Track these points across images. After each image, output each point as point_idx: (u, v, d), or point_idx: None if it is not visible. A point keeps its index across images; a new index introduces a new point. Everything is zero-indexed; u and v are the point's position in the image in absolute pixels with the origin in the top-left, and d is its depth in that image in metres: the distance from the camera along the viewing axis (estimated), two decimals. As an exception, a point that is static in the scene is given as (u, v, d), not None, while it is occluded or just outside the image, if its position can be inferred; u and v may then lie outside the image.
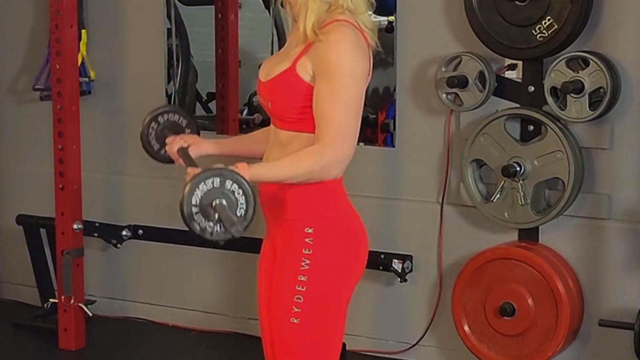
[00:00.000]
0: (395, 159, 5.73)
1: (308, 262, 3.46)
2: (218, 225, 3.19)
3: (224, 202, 3.17)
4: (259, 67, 3.62)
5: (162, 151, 3.84)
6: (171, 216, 6.04)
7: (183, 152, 3.65)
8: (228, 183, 3.19)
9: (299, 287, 3.47)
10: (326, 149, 3.35)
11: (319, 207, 3.46)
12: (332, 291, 3.49)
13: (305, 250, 3.46)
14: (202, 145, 3.77)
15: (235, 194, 3.19)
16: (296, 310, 3.48)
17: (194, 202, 3.17)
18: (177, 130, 3.84)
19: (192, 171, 3.27)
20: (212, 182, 3.18)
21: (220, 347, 5.96)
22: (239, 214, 3.18)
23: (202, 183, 3.17)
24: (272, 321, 3.59)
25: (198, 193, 3.17)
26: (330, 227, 3.48)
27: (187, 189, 3.17)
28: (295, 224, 3.47)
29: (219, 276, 6.08)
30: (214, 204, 3.17)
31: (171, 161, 3.76)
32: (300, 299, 3.47)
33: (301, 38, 3.42)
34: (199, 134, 3.86)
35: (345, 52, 3.37)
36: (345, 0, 3.42)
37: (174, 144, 3.73)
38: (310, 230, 3.47)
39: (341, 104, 3.37)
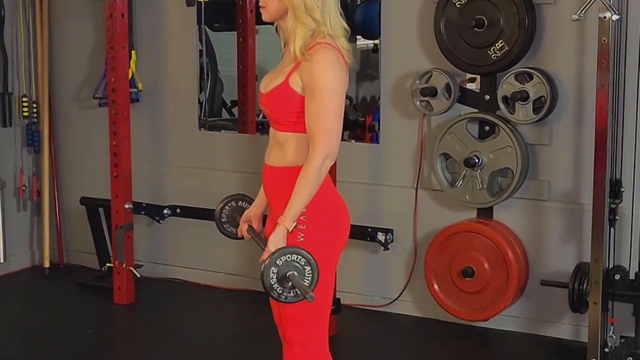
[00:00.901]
0: (380, 153, 5.73)
1: (303, 235, 3.45)
2: (291, 291, 3.28)
3: (295, 272, 3.26)
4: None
5: (235, 231, 3.85)
6: (202, 198, 6.12)
7: (250, 231, 3.70)
8: (289, 257, 3.27)
9: None
10: (317, 149, 3.36)
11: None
12: (322, 258, 3.45)
13: (300, 226, 3.44)
14: (254, 216, 3.75)
15: (297, 261, 3.27)
16: None
17: (272, 277, 3.27)
18: (240, 209, 3.85)
19: (264, 257, 3.36)
20: (279, 261, 3.26)
21: (241, 302, 5.97)
22: (307, 274, 3.28)
23: (272, 265, 3.25)
24: None
25: (272, 274, 3.27)
26: (320, 208, 3.47)
27: (264, 268, 3.27)
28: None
29: (239, 245, 6.06)
30: (288, 274, 3.26)
31: (241, 238, 3.80)
32: None
33: (292, 57, 3.42)
34: (252, 201, 3.83)
35: (327, 70, 3.37)
36: (326, 27, 3.42)
37: (242, 229, 3.76)
38: (303, 210, 3.45)
39: (326, 113, 3.37)
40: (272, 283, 3.28)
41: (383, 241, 5.59)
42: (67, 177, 6.66)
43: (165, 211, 6.18)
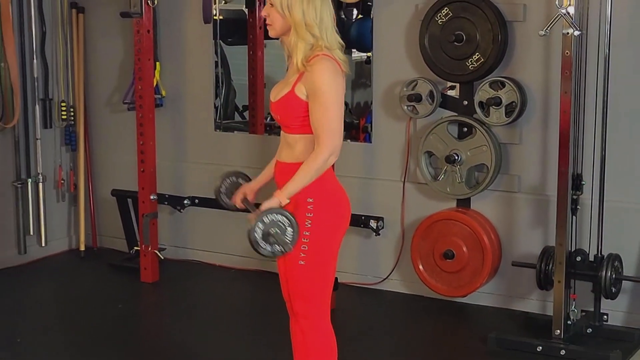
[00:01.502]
0: (372, 151, 5.73)
1: (310, 222, 3.47)
2: (274, 246, 3.32)
3: (277, 230, 3.29)
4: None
5: (230, 202, 3.84)
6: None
7: (244, 201, 3.72)
8: (275, 216, 3.30)
9: (304, 239, 3.47)
10: (323, 147, 3.39)
11: (317, 184, 3.46)
12: (326, 241, 3.50)
13: (307, 214, 3.46)
14: (252, 189, 3.77)
15: (281, 221, 3.31)
16: (302, 255, 3.49)
17: (257, 234, 3.30)
18: (237, 185, 3.85)
19: (251, 216, 3.39)
20: (265, 219, 3.29)
21: (252, 281, 5.98)
22: (288, 232, 3.32)
23: (259, 222, 3.29)
24: (286, 263, 3.60)
25: (258, 229, 3.29)
26: (324, 198, 3.49)
27: (251, 226, 3.30)
28: (301, 196, 3.47)
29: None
30: (271, 232, 3.30)
31: (237, 209, 3.80)
32: (305, 247, 3.48)
33: (295, 69, 3.45)
34: (249, 179, 3.84)
35: (326, 78, 3.39)
36: (323, 41, 3.45)
37: (237, 199, 3.78)
38: (311, 200, 3.47)
39: (328, 114, 3.40)
40: (257, 239, 3.30)
41: (375, 228, 5.60)
42: (100, 171, 6.67)
43: (185, 201, 6.18)
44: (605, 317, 4.96)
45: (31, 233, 6.29)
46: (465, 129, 5.33)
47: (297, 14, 3.43)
